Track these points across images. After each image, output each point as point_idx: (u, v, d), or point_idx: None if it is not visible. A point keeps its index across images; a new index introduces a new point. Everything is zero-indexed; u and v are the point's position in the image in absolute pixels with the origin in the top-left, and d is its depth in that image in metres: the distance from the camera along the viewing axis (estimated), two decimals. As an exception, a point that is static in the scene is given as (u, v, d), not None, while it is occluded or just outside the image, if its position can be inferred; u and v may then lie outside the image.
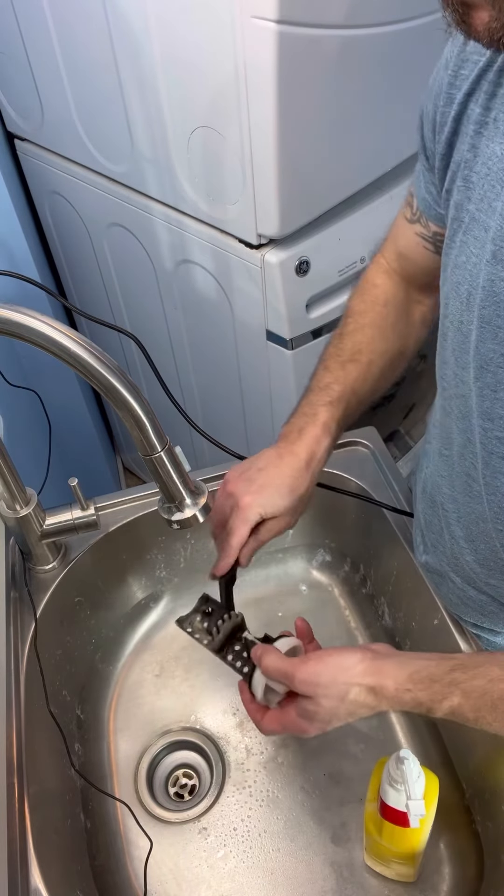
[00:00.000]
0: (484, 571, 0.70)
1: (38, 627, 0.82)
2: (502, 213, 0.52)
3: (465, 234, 0.57)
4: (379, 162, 1.16)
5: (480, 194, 0.55)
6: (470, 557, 0.70)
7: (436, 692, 0.56)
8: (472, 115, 0.56)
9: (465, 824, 0.81)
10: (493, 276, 0.53)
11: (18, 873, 0.65)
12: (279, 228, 1.07)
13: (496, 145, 0.53)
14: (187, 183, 1.13)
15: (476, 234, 0.55)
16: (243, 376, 1.35)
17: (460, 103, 0.57)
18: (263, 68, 0.91)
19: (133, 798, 0.87)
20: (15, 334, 0.57)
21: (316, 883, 0.79)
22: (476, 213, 0.55)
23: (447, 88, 0.58)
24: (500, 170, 0.52)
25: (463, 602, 0.77)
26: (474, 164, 0.55)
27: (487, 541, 0.66)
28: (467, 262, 0.57)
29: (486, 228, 0.54)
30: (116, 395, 0.60)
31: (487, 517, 0.64)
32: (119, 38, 1.05)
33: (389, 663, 0.59)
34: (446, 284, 0.61)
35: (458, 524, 0.70)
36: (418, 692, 0.57)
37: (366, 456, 1.00)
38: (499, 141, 0.53)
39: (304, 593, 1.04)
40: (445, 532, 0.72)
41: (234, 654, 0.73)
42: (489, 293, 0.54)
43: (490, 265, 0.53)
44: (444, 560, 0.76)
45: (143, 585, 1.02)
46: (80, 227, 1.43)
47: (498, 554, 0.66)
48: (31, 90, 1.28)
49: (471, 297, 0.56)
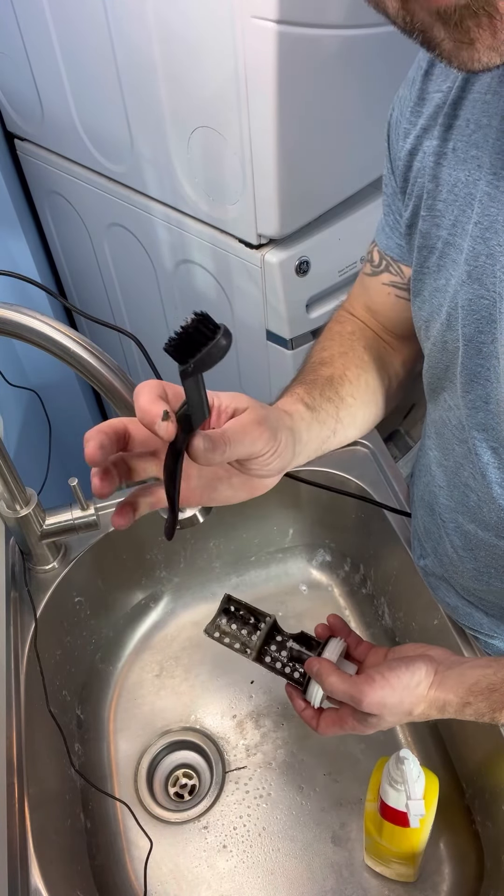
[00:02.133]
0: (483, 580, 0.70)
1: (38, 627, 0.82)
2: (472, 235, 0.54)
3: (441, 259, 0.58)
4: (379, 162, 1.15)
5: (451, 220, 0.56)
6: (470, 565, 0.70)
7: (495, 701, 0.57)
8: (428, 149, 0.58)
9: (465, 824, 0.81)
10: (471, 295, 0.55)
11: (18, 873, 0.65)
12: (279, 228, 1.07)
13: (459, 172, 0.55)
14: (187, 183, 1.13)
15: (452, 258, 0.57)
16: (243, 376, 1.35)
17: (416, 137, 0.59)
18: (263, 68, 0.91)
19: (133, 798, 0.87)
20: (15, 334, 0.57)
21: (316, 883, 0.79)
22: (448, 237, 0.57)
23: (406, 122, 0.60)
24: (467, 194, 0.54)
25: (455, 612, 0.78)
26: (437, 193, 0.57)
27: (488, 549, 0.67)
28: (446, 284, 0.58)
29: (460, 250, 0.56)
30: (116, 395, 0.60)
31: (488, 526, 0.65)
32: (119, 39, 1.05)
33: (451, 677, 0.59)
34: (424, 309, 0.62)
35: (456, 533, 0.70)
36: (479, 703, 0.58)
37: (366, 456, 1.00)
38: (461, 168, 0.55)
39: (304, 593, 1.04)
40: (446, 540, 0.73)
41: (274, 658, 0.71)
42: (468, 312, 0.56)
43: (467, 285, 0.55)
44: (442, 567, 0.76)
45: (143, 585, 1.02)
46: (80, 227, 1.43)
47: (497, 562, 0.67)
48: (31, 90, 1.28)
49: (451, 318, 0.58)
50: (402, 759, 0.66)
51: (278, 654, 0.72)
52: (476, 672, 0.59)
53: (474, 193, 0.54)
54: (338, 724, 0.64)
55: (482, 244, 0.53)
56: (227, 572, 1.05)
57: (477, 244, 0.54)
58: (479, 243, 0.53)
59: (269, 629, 0.72)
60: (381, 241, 0.71)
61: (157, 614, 1.03)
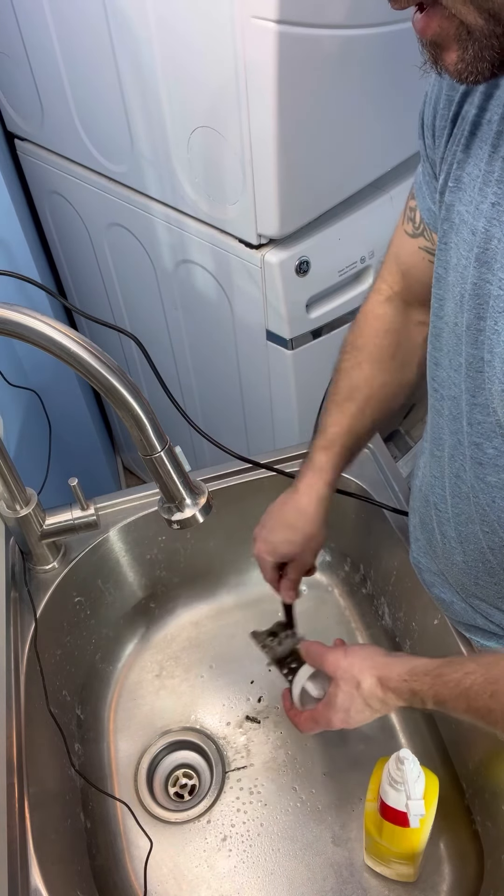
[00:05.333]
0: (472, 573, 0.71)
1: (38, 627, 0.82)
2: (487, 216, 0.53)
3: (457, 236, 0.57)
4: (379, 162, 1.16)
5: (470, 196, 0.55)
6: (459, 558, 0.71)
7: (425, 683, 0.63)
8: (467, 115, 0.56)
9: (465, 824, 0.81)
10: (478, 279, 0.54)
11: (18, 873, 0.65)
12: (279, 228, 1.07)
13: (487, 146, 0.54)
14: (187, 183, 1.13)
15: (465, 237, 0.56)
16: (243, 376, 1.35)
17: (458, 103, 0.57)
18: (263, 68, 0.91)
19: (133, 798, 0.87)
20: (15, 334, 0.57)
21: (316, 883, 0.79)
22: (465, 214, 0.56)
23: (447, 90, 0.59)
24: (487, 172, 0.53)
25: (450, 608, 0.79)
26: (466, 164, 0.56)
27: (475, 542, 0.67)
28: (458, 263, 0.57)
29: (474, 231, 0.55)
30: (116, 395, 0.60)
31: (475, 518, 0.65)
32: (119, 38, 1.05)
33: (396, 660, 0.68)
34: (442, 286, 0.61)
35: (448, 524, 0.71)
36: (413, 683, 0.64)
37: (366, 456, 1.00)
38: (490, 142, 0.53)
39: (304, 593, 1.04)
40: (437, 531, 0.74)
41: (289, 670, 0.83)
42: (473, 296, 0.55)
43: (475, 268, 0.54)
44: (436, 561, 0.77)
45: (143, 585, 1.02)
46: (80, 227, 1.43)
47: (485, 556, 0.67)
48: (31, 90, 1.28)
49: (462, 298, 0.57)
50: (402, 759, 0.67)
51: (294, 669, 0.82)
52: (419, 660, 0.66)
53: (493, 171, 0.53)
54: (311, 716, 0.73)
55: (497, 227, 0.52)
56: (227, 572, 1.05)
57: (492, 226, 0.52)
58: (494, 225, 0.52)
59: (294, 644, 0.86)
60: (420, 201, 0.69)
61: (157, 614, 1.03)
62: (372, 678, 0.67)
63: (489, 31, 0.41)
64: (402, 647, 0.93)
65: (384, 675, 0.66)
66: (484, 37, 0.42)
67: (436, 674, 0.62)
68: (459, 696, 0.60)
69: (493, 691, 0.57)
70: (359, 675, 0.68)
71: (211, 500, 0.69)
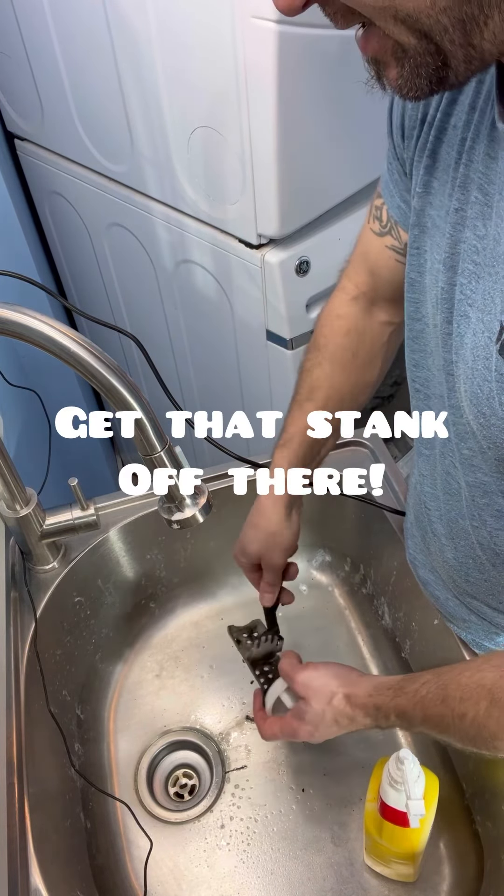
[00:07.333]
0: (463, 571, 0.71)
1: (38, 627, 0.82)
2: (452, 222, 0.54)
3: (430, 240, 0.58)
4: (379, 162, 1.16)
5: (440, 200, 0.56)
6: (450, 555, 0.71)
7: (387, 696, 0.65)
8: (434, 119, 0.57)
9: (465, 824, 0.81)
10: (446, 283, 0.55)
11: (18, 873, 0.65)
12: (279, 228, 1.07)
13: (453, 152, 0.54)
14: (187, 183, 1.13)
15: (436, 241, 0.57)
16: (243, 376, 1.35)
17: (425, 104, 0.58)
18: (263, 68, 0.91)
19: (133, 798, 0.87)
20: (15, 334, 0.57)
21: (316, 883, 0.79)
22: (436, 218, 0.57)
23: None
24: (453, 178, 0.54)
25: (445, 606, 0.79)
26: (434, 169, 0.57)
27: (466, 538, 0.68)
28: (431, 268, 0.58)
29: (443, 235, 0.55)
30: (116, 395, 0.60)
31: (465, 514, 0.66)
32: (119, 38, 1.05)
33: (364, 678, 0.70)
34: (417, 289, 0.62)
35: (440, 521, 0.71)
36: (377, 697, 0.66)
37: (366, 456, 1.00)
38: (455, 148, 0.54)
39: (304, 593, 1.04)
40: (429, 529, 0.74)
41: (262, 672, 0.84)
42: (443, 299, 0.56)
43: (444, 272, 0.55)
44: (430, 558, 0.77)
45: (143, 585, 1.02)
46: (80, 227, 1.43)
47: (475, 551, 0.67)
48: (31, 90, 1.28)
49: (437, 302, 0.58)
50: (402, 759, 0.67)
51: (266, 672, 0.85)
52: (385, 678, 0.68)
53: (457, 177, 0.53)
54: (277, 724, 0.75)
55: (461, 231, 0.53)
56: (227, 572, 1.05)
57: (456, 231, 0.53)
58: (458, 230, 0.53)
59: (272, 648, 0.86)
60: (388, 199, 0.70)
61: (157, 614, 1.03)
62: (340, 694, 0.68)
63: (423, 48, 0.42)
64: (402, 647, 0.93)
65: (352, 692, 0.68)
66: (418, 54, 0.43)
67: (397, 687, 0.64)
68: (416, 706, 0.61)
69: (443, 696, 0.58)
70: (329, 693, 0.69)
71: (211, 500, 0.69)
